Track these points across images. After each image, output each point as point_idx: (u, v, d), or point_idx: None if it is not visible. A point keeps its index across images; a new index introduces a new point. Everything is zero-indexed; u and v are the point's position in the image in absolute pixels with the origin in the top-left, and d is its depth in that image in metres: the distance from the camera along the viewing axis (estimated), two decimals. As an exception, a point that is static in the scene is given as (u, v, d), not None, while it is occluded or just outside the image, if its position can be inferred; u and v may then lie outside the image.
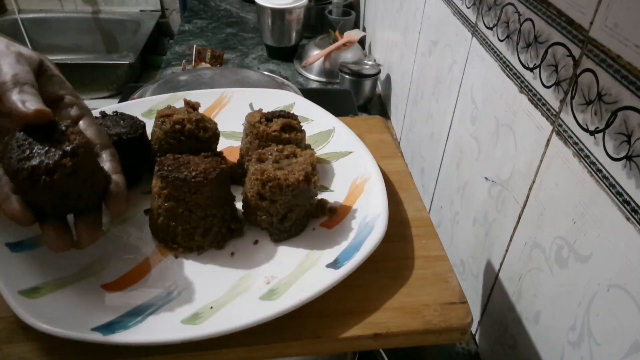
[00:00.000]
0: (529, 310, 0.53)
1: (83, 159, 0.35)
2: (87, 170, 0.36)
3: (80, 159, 0.35)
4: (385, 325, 0.39)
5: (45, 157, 0.34)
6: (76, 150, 0.35)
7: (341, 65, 1.20)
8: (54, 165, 0.34)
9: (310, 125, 0.59)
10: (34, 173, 0.33)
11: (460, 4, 0.72)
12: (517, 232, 0.56)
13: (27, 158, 0.34)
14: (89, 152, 0.37)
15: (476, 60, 0.67)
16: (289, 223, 0.45)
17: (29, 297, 0.37)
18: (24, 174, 0.33)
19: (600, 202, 0.41)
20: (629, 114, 0.37)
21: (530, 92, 0.52)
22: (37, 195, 0.34)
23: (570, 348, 0.45)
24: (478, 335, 0.68)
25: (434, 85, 0.86)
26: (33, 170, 0.33)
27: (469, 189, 0.70)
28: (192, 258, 0.44)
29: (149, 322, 0.37)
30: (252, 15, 1.75)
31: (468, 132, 0.70)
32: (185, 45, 1.51)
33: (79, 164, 0.35)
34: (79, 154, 0.35)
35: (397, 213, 0.49)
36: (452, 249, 0.77)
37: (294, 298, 0.38)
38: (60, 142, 0.35)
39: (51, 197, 0.35)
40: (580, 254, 0.44)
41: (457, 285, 0.43)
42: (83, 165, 0.35)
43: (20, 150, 0.34)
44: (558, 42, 0.47)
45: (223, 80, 0.87)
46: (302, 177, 0.43)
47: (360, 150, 0.54)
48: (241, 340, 0.37)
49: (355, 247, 0.42)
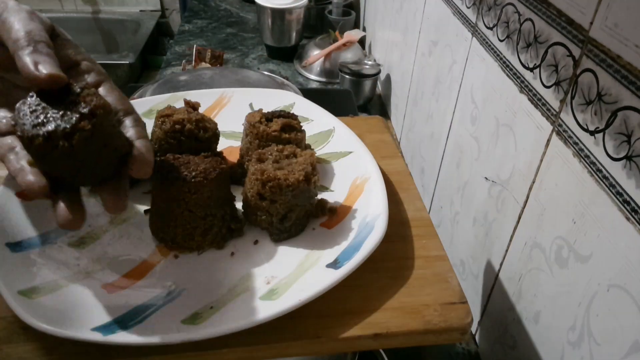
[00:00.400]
0: (529, 310, 0.53)
1: (102, 121, 0.33)
2: (107, 133, 0.33)
3: (99, 121, 0.32)
4: (385, 325, 0.39)
5: (61, 121, 0.31)
6: (94, 111, 0.32)
7: (341, 65, 1.20)
8: (72, 129, 0.31)
9: (310, 125, 0.59)
10: (51, 138, 0.31)
11: (460, 4, 0.72)
12: (517, 232, 0.56)
13: (42, 123, 0.31)
14: (108, 114, 0.34)
15: (476, 60, 0.67)
16: (289, 223, 0.45)
17: (29, 297, 0.37)
18: (39, 140, 0.31)
19: (600, 202, 0.41)
20: (629, 114, 0.37)
21: (530, 92, 0.52)
22: (54, 163, 0.32)
23: (570, 348, 0.45)
24: (478, 335, 0.68)
25: (434, 85, 0.86)
26: (49, 135, 0.31)
27: (469, 189, 0.70)
28: (192, 258, 0.44)
29: (149, 322, 0.37)
30: (252, 15, 1.75)
31: (468, 132, 0.70)
32: (185, 45, 1.51)
33: (98, 126, 0.32)
34: (98, 115, 0.32)
35: (397, 213, 0.49)
36: (452, 249, 0.77)
37: (294, 298, 0.38)
38: (77, 104, 0.32)
39: (70, 164, 0.32)
40: (580, 254, 0.44)
41: (457, 285, 0.43)
42: (102, 128, 0.33)
43: (34, 116, 0.31)
44: (558, 42, 0.47)
45: (223, 80, 0.87)
46: (302, 177, 0.43)
47: (360, 150, 0.54)
48: (241, 340, 0.37)
49: (355, 247, 0.42)
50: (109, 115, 0.34)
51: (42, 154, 0.31)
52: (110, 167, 0.35)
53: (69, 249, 0.43)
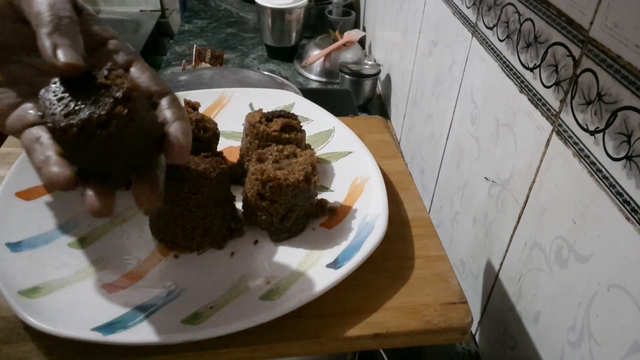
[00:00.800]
0: (529, 310, 0.53)
1: (138, 105, 0.30)
2: (143, 118, 0.31)
3: (135, 105, 0.29)
4: (385, 325, 0.39)
5: (95, 108, 0.28)
6: (129, 95, 0.29)
7: (341, 65, 1.20)
8: (107, 116, 0.28)
9: (310, 125, 0.59)
10: (85, 128, 0.28)
11: (460, 4, 0.72)
12: (517, 232, 0.56)
13: (74, 112, 0.28)
14: (142, 96, 0.31)
15: (476, 60, 0.67)
16: (289, 223, 0.45)
17: (29, 297, 0.37)
18: (73, 130, 0.28)
19: (600, 202, 0.41)
20: (629, 114, 0.37)
21: (530, 92, 0.52)
22: (88, 153, 0.29)
23: (570, 348, 0.45)
24: (478, 335, 0.68)
25: (434, 85, 0.86)
26: (84, 124, 0.28)
27: (469, 189, 0.70)
28: (192, 258, 0.44)
29: (149, 322, 0.37)
30: (252, 15, 1.75)
31: (468, 132, 0.70)
32: (185, 45, 1.51)
33: (134, 111, 0.29)
34: (133, 98, 0.29)
35: (397, 213, 0.49)
36: (452, 249, 0.77)
37: (294, 298, 0.38)
38: (108, 88, 0.29)
39: (106, 153, 0.29)
40: (580, 254, 0.44)
41: (457, 285, 0.43)
42: (138, 113, 0.30)
43: (62, 104, 0.29)
44: (558, 42, 0.47)
45: (223, 80, 0.87)
46: (302, 177, 0.43)
47: (360, 150, 0.54)
48: (241, 340, 0.37)
49: (355, 247, 0.42)
50: (144, 98, 0.31)
51: (76, 145, 0.29)
52: (146, 154, 0.32)
53: (69, 249, 0.43)
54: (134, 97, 0.29)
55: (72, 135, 0.28)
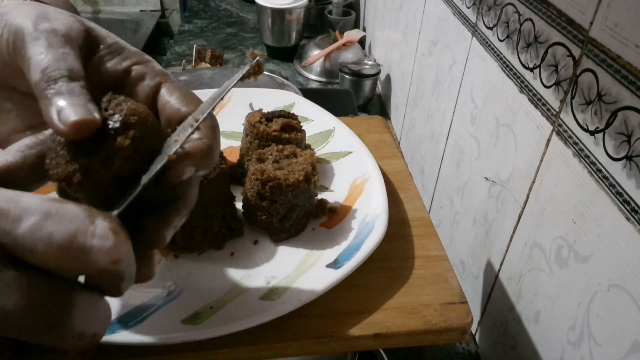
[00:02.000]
0: (529, 310, 0.53)
1: (141, 131, 0.27)
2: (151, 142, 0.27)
3: (139, 131, 0.27)
4: (385, 325, 0.39)
5: (95, 147, 0.26)
6: (128, 121, 0.26)
7: (341, 65, 1.20)
8: (108, 152, 0.26)
9: (310, 125, 0.59)
10: (89, 171, 0.26)
11: (460, 4, 0.72)
12: (517, 232, 0.56)
13: (75, 157, 0.26)
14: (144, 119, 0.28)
15: (476, 60, 0.67)
16: (289, 223, 0.45)
17: (29, 297, 0.37)
18: (77, 177, 0.26)
19: (600, 202, 0.41)
20: (629, 114, 0.37)
21: (530, 92, 0.52)
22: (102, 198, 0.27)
23: (570, 348, 0.45)
24: (478, 335, 0.68)
25: (434, 85, 0.86)
26: (86, 167, 0.26)
27: (469, 188, 0.70)
28: (192, 258, 0.44)
29: (149, 322, 0.37)
30: (252, 15, 1.75)
31: (468, 132, 0.70)
32: (185, 45, 1.51)
33: (137, 138, 0.26)
34: (133, 124, 0.26)
35: (397, 213, 0.49)
36: (452, 249, 0.77)
37: (294, 298, 0.38)
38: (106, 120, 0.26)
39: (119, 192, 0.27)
40: (580, 254, 0.44)
41: (457, 285, 0.43)
42: (145, 138, 0.27)
43: (65, 152, 0.26)
44: (558, 42, 0.47)
45: (223, 80, 0.86)
46: (302, 177, 0.43)
47: (360, 150, 0.54)
48: (241, 340, 0.37)
49: (355, 247, 0.42)
50: (146, 119, 0.28)
51: (85, 191, 0.26)
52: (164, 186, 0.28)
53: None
54: (134, 122, 0.27)
55: (77, 183, 0.26)
